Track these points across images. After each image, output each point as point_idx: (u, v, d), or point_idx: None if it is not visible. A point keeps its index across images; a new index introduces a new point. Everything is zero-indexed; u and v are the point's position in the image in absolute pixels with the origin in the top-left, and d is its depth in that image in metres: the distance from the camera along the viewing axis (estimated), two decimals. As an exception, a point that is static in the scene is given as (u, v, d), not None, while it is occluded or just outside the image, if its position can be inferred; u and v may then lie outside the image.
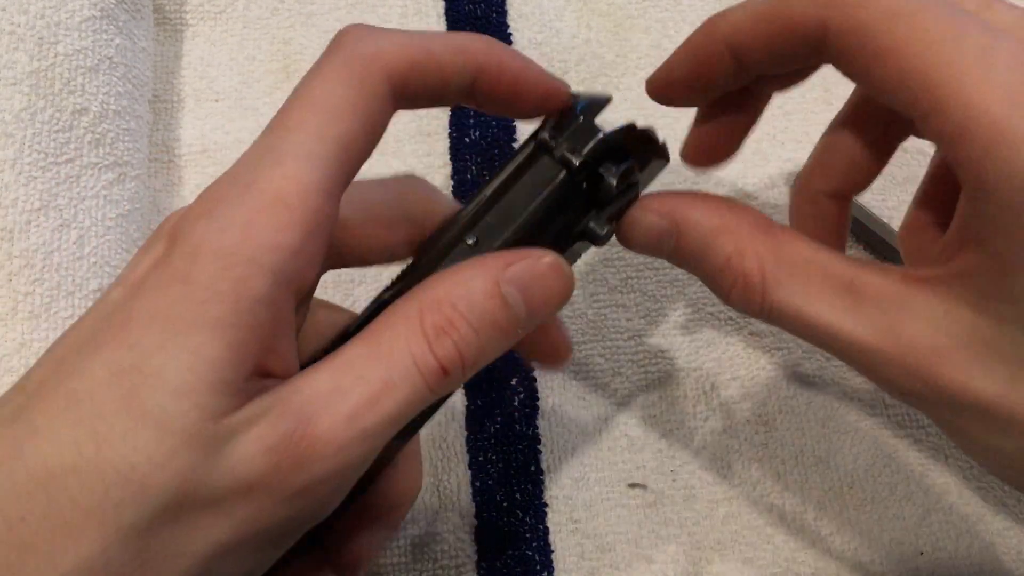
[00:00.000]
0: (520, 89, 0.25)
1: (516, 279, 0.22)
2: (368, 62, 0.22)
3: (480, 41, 0.24)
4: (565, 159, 0.24)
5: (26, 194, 0.29)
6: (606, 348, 0.35)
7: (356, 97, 0.22)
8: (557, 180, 0.24)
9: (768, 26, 0.23)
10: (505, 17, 0.41)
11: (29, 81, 0.31)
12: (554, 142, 0.24)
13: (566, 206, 0.25)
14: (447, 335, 0.21)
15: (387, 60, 0.22)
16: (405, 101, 0.23)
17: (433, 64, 0.23)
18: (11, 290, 0.28)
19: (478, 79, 0.24)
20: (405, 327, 0.21)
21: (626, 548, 0.32)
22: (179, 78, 0.40)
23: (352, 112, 0.22)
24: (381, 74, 0.22)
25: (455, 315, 0.21)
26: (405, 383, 0.21)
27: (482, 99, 0.25)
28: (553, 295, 0.23)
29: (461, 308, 0.22)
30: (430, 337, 0.21)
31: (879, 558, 0.32)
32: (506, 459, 0.34)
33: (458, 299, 0.22)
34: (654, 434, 0.34)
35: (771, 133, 0.39)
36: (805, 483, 0.33)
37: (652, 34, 0.41)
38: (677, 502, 0.33)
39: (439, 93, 0.24)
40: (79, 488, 0.18)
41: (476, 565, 0.32)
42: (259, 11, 0.41)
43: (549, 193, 0.24)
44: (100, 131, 0.32)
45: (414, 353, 0.21)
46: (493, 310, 0.22)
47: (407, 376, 0.21)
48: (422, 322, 0.21)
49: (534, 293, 0.22)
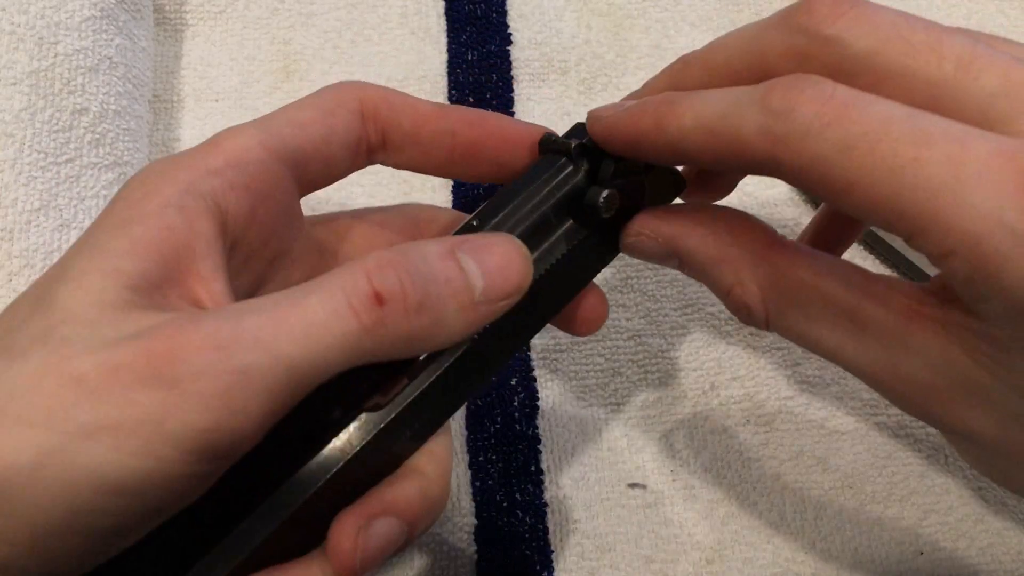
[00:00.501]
0: (503, 138, 0.26)
1: (470, 248, 0.22)
2: (344, 86, 0.25)
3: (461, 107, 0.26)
4: (563, 145, 0.25)
5: (26, 194, 0.29)
6: (606, 348, 0.35)
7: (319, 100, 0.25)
8: (555, 167, 0.25)
9: (718, 145, 0.21)
10: (505, 17, 0.41)
11: (29, 81, 0.31)
12: (553, 137, 0.26)
13: (569, 195, 0.25)
14: (391, 269, 0.20)
15: (364, 89, 0.25)
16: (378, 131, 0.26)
17: (406, 104, 0.26)
18: (11, 290, 0.28)
19: (458, 133, 0.26)
20: (344, 268, 0.20)
21: (626, 548, 0.32)
22: (179, 78, 0.40)
23: (312, 107, 0.25)
24: (353, 95, 0.25)
25: (404, 259, 0.21)
26: (323, 305, 0.19)
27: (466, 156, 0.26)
28: (512, 269, 0.22)
29: (412, 255, 0.21)
30: (370, 268, 0.20)
31: (879, 558, 0.32)
32: (506, 459, 0.34)
33: (410, 249, 0.21)
34: (654, 434, 0.34)
35: (771, 133, 0.39)
36: (805, 483, 0.33)
37: (652, 34, 0.41)
38: (677, 502, 0.33)
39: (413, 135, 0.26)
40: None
41: (476, 565, 0.32)
42: (259, 11, 0.41)
43: (546, 177, 0.25)
44: (100, 131, 0.32)
45: (344, 281, 0.20)
46: (446, 268, 0.21)
47: (327, 300, 0.20)
48: (365, 263, 0.20)
49: (489, 263, 0.22)
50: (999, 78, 0.20)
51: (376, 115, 0.25)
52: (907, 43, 0.20)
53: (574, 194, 0.25)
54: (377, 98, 0.25)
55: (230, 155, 0.23)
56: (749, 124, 0.20)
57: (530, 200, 0.25)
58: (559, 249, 0.25)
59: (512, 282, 0.22)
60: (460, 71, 0.40)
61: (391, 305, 0.20)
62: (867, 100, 0.19)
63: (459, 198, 0.38)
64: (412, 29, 0.41)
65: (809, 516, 0.33)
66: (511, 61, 0.40)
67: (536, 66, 0.40)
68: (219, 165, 0.22)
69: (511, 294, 0.22)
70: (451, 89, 0.40)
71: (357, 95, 0.25)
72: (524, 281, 0.23)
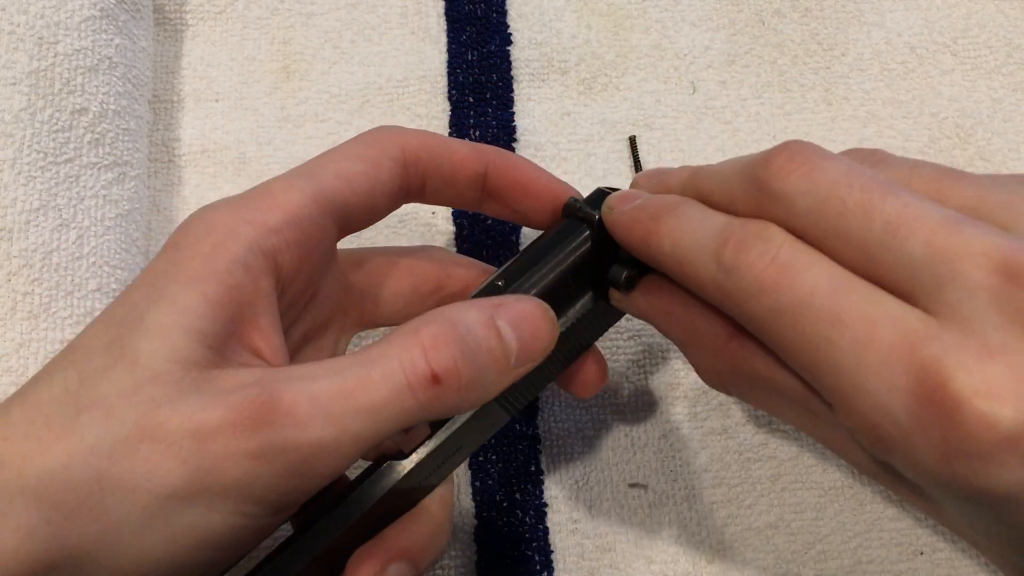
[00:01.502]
0: (529, 188, 0.28)
1: (508, 315, 0.24)
2: (386, 133, 0.27)
3: (495, 148, 0.28)
4: (587, 215, 0.27)
5: (25, 194, 0.29)
6: (606, 348, 0.35)
7: (365, 149, 0.26)
8: (579, 235, 0.27)
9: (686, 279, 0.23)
10: (505, 17, 0.41)
11: (29, 81, 0.31)
12: (579, 204, 0.27)
13: (590, 262, 0.27)
14: (447, 347, 0.22)
15: (405, 137, 0.27)
16: (418, 177, 0.27)
17: (446, 150, 0.27)
18: (10, 290, 0.28)
19: (489, 175, 0.28)
20: (400, 339, 0.22)
21: (626, 548, 0.32)
22: (179, 78, 0.40)
23: (359, 157, 0.26)
24: (395, 143, 0.26)
25: (455, 332, 0.22)
26: (385, 383, 0.21)
27: (493, 196, 0.28)
28: (541, 335, 0.24)
29: (459, 326, 0.22)
30: (427, 345, 0.22)
31: (879, 558, 0.32)
32: (506, 459, 0.33)
33: (457, 320, 0.23)
34: (654, 434, 0.34)
35: (771, 133, 0.39)
36: (805, 483, 0.33)
37: (652, 34, 0.41)
38: (678, 502, 0.33)
39: (450, 179, 0.27)
40: (56, 413, 0.21)
41: (476, 565, 0.32)
42: (259, 11, 0.41)
43: (570, 245, 0.27)
44: (100, 131, 0.32)
45: (402, 359, 0.21)
46: (488, 338, 0.23)
47: (389, 376, 0.21)
48: (418, 333, 0.22)
49: (524, 330, 0.24)
50: (923, 245, 0.19)
51: (417, 163, 0.27)
52: (842, 203, 0.20)
53: (594, 262, 0.27)
54: (418, 146, 0.27)
55: (287, 212, 0.24)
56: (704, 273, 0.22)
57: (553, 265, 0.27)
58: (575, 313, 0.27)
59: (541, 347, 0.24)
60: (460, 71, 0.40)
61: (447, 384, 0.22)
62: (801, 267, 0.20)
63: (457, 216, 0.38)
64: (412, 29, 0.41)
65: (809, 516, 0.33)
66: (511, 61, 0.40)
67: (536, 66, 0.40)
68: (278, 223, 0.24)
69: (538, 357, 0.24)
70: (451, 89, 0.40)
71: (400, 143, 0.27)
72: (551, 345, 0.25)
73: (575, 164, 0.39)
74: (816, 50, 0.41)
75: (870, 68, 0.41)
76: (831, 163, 0.21)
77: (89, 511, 0.20)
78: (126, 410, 0.20)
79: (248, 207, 0.24)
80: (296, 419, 0.20)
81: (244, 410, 0.20)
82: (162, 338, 0.21)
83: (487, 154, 0.28)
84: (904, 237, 0.19)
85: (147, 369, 0.21)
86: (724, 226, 0.22)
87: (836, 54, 0.41)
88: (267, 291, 0.23)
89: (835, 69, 0.41)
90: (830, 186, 0.21)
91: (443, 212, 0.38)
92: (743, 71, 0.41)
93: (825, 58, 0.41)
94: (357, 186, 0.25)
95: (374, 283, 0.29)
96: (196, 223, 0.23)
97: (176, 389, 0.21)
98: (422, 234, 0.37)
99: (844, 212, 0.20)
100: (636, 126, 0.39)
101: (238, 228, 0.23)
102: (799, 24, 0.42)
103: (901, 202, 0.20)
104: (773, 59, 0.41)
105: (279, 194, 0.24)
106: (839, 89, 0.41)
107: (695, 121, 0.40)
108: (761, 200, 0.22)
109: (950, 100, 0.40)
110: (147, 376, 0.21)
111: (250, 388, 0.21)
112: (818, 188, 0.21)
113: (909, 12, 0.42)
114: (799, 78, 0.41)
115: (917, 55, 0.41)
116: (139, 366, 0.21)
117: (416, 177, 0.27)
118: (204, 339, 0.21)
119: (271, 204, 0.24)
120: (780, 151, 0.22)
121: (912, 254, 0.19)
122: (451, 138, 0.28)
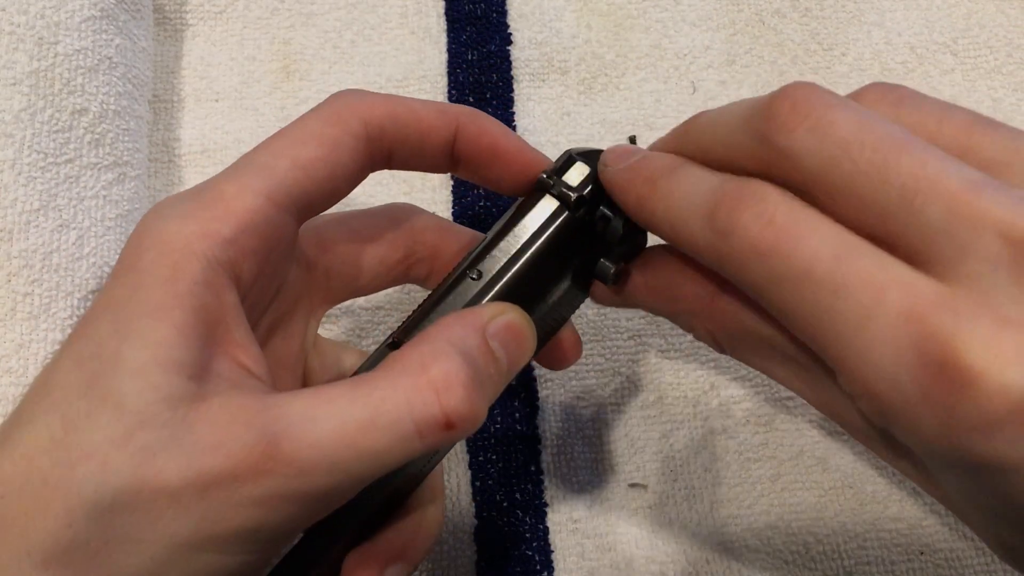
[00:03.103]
0: (500, 155, 0.26)
1: (495, 332, 0.23)
2: (346, 107, 0.24)
3: (463, 108, 0.26)
4: (563, 195, 0.25)
5: (25, 194, 0.29)
6: (606, 348, 0.35)
7: (324, 128, 0.24)
8: (555, 218, 0.25)
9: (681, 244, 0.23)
10: (505, 17, 0.41)
11: (29, 81, 0.31)
12: (552, 181, 0.25)
13: (569, 244, 0.26)
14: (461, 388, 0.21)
15: (366, 108, 0.24)
16: (383, 151, 0.25)
17: (412, 117, 0.25)
18: (10, 291, 0.28)
19: (458, 140, 0.26)
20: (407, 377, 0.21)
21: (626, 548, 0.32)
22: (179, 78, 0.40)
23: (317, 140, 0.24)
24: (356, 117, 0.24)
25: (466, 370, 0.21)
26: (392, 429, 0.20)
27: (462, 163, 0.26)
28: (526, 346, 0.24)
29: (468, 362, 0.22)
30: (439, 388, 0.21)
31: (879, 558, 0.32)
32: (506, 459, 0.33)
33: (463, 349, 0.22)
34: (654, 434, 0.34)
35: (771, 133, 0.39)
36: (805, 483, 0.33)
37: (652, 34, 0.41)
38: (678, 502, 0.33)
39: (418, 149, 0.26)
40: (50, 466, 0.20)
41: (476, 565, 0.32)
42: (259, 11, 0.41)
43: (547, 228, 0.25)
44: (100, 131, 0.32)
45: (412, 402, 0.21)
46: (488, 364, 0.22)
47: (397, 423, 0.20)
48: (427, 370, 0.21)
49: (511, 344, 0.23)
50: (942, 212, 0.18)
51: (382, 136, 0.25)
52: (854, 164, 0.19)
53: (572, 245, 0.26)
54: (382, 116, 0.25)
55: (241, 219, 0.22)
56: (699, 237, 0.21)
57: (531, 254, 0.25)
58: (551, 296, 0.26)
59: (525, 357, 0.24)
60: (460, 71, 0.40)
61: (458, 427, 0.21)
62: (801, 231, 0.19)
63: (459, 198, 0.38)
64: (412, 29, 0.41)
65: (809, 516, 0.33)
66: (511, 61, 0.40)
67: (536, 66, 0.40)
68: (233, 233, 0.22)
69: (521, 366, 0.24)
70: (451, 89, 0.40)
71: (362, 116, 0.24)
72: (532, 352, 0.24)
73: (575, 164, 0.39)
74: (816, 50, 0.41)
75: (870, 68, 0.41)
76: (840, 114, 0.19)
77: (99, 566, 0.20)
78: (120, 461, 0.20)
79: (200, 217, 0.22)
80: (298, 468, 0.20)
81: (244, 459, 0.20)
82: (143, 378, 0.20)
83: (457, 117, 0.26)
84: (922, 203, 0.18)
85: (134, 414, 0.20)
86: (718, 186, 0.21)
87: (836, 54, 0.41)
88: (233, 303, 0.22)
89: (835, 69, 0.41)
90: (839, 144, 0.19)
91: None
92: (743, 71, 0.41)
93: (825, 58, 0.41)
94: (315, 173, 0.24)
95: (338, 260, 0.27)
96: (148, 240, 0.22)
97: (168, 433, 0.20)
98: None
99: (855, 173, 0.19)
100: (636, 126, 0.39)
101: (192, 244, 0.22)
102: (799, 24, 0.42)
103: (919, 162, 0.18)
104: (773, 59, 0.41)
105: (232, 199, 0.22)
106: (839, 89, 0.40)
107: (695, 121, 0.40)
108: (765, 156, 0.20)
109: (950, 100, 0.40)
110: (135, 422, 0.20)
111: (248, 432, 0.20)
112: (825, 146, 0.19)
113: (909, 12, 0.42)
114: (799, 78, 0.40)
115: (917, 55, 0.41)
116: (125, 411, 0.20)
117: (381, 150, 0.25)
118: (183, 370, 0.20)
119: (224, 211, 0.22)
120: (782, 100, 0.20)
121: (929, 220, 0.18)
122: (417, 100, 0.25)
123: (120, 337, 0.21)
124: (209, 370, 0.21)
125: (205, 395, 0.21)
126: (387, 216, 0.28)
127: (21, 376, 0.28)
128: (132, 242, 0.22)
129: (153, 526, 0.20)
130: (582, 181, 0.25)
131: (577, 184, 0.25)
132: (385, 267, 0.28)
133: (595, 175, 0.25)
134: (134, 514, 0.20)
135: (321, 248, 0.27)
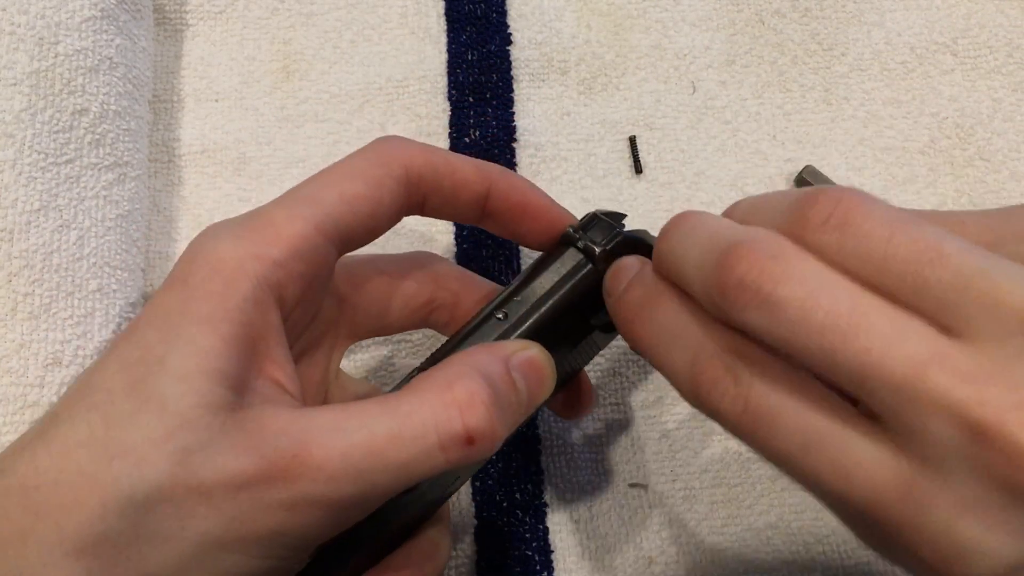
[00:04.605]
0: (529, 211, 0.28)
1: (518, 364, 0.24)
2: (390, 151, 0.26)
3: (496, 166, 0.28)
4: (588, 249, 0.27)
5: (26, 195, 0.29)
6: (606, 348, 0.35)
7: (369, 168, 0.26)
8: (580, 269, 0.27)
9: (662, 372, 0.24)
10: (505, 17, 0.41)
11: (29, 81, 0.31)
12: (578, 235, 0.28)
13: (588, 295, 0.27)
14: (483, 407, 0.22)
15: (408, 154, 0.26)
16: (419, 197, 0.27)
17: (449, 169, 0.27)
18: (11, 291, 0.28)
19: (491, 196, 0.28)
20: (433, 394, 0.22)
21: (626, 548, 0.32)
22: (179, 78, 0.40)
23: (363, 178, 0.25)
24: (399, 161, 0.26)
25: (488, 391, 0.22)
26: (417, 443, 0.21)
27: (493, 216, 0.28)
28: (546, 383, 0.25)
29: (491, 385, 0.23)
30: (462, 405, 0.22)
31: (879, 558, 0.32)
32: (506, 459, 0.34)
33: (486, 373, 0.23)
34: (654, 434, 0.34)
35: (771, 133, 0.39)
36: (805, 483, 0.33)
37: (652, 34, 0.41)
38: (678, 502, 0.33)
39: (452, 199, 0.27)
40: (87, 460, 0.21)
41: (476, 565, 0.32)
42: (259, 11, 0.41)
43: (571, 279, 0.27)
44: (100, 131, 0.32)
45: (437, 418, 0.21)
46: (509, 392, 0.23)
47: (422, 437, 0.21)
48: (452, 388, 0.22)
49: (532, 379, 0.24)
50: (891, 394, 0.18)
51: (420, 182, 0.26)
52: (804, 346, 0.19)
53: (592, 296, 0.27)
54: (422, 164, 0.26)
55: (291, 244, 0.24)
56: (683, 390, 0.22)
57: (555, 300, 0.27)
58: (570, 343, 0.28)
59: (545, 393, 0.25)
60: (460, 71, 0.40)
61: (479, 444, 0.22)
62: (775, 418, 0.20)
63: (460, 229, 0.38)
64: (412, 29, 0.41)
65: (809, 516, 0.33)
66: (511, 61, 0.40)
67: (536, 66, 0.40)
68: (283, 256, 0.24)
69: (540, 402, 0.25)
70: (451, 89, 0.40)
71: (403, 162, 0.26)
72: (551, 390, 0.26)
73: (575, 164, 0.39)
74: (816, 50, 0.41)
75: (870, 68, 0.41)
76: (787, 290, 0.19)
77: (127, 560, 0.20)
78: (159, 459, 0.20)
79: (252, 240, 0.24)
80: (327, 474, 0.21)
81: (276, 462, 0.21)
82: (187, 382, 0.21)
83: (490, 174, 0.28)
84: (871, 387, 0.18)
85: (176, 415, 0.21)
86: (696, 350, 0.22)
87: (836, 54, 0.41)
88: (276, 323, 0.24)
89: (835, 69, 0.41)
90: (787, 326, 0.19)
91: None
92: (743, 71, 0.41)
93: (825, 58, 0.41)
94: (359, 209, 0.25)
95: (368, 297, 0.29)
96: (202, 257, 0.23)
97: (207, 436, 0.21)
98: (421, 235, 0.37)
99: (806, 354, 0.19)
100: (636, 126, 0.39)
101: (245, 264, 0.23)
102: (799, 24, 0.42)
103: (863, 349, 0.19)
104: (773, 59, 0.41)
105: (283, 225, 0.24)
106: (839, 89, 0.41)
107: (695, 121, 0.40)
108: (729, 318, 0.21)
109: (950, 100, 0.40)
110: (176, 423, 0.21)
111: (281, 438, 0.21)
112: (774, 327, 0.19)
113: (909, 12, 0.42)
114: (799, 78, 0.41)
115: (917, 55, 0.41)
116: (167, 412, 0.21)
117: (417, 196, 0.27)
118: (225, 380, 0.22)
119: (275, 236, 0.24)
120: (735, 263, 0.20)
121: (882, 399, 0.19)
122: (454, 155, 0.27)
123: (167, 344, 0.22)
124: (248, 383, 0.22)
125: (243, 405, 0.22)
126: (413, 261, 0.30)
127: (21, 376, 0.28)
128: (185, 258, 0.24)
129: (183, 524, 0.20)
130: (606, 238, 0.27)
131: (601, 240, 0.27)
132: (410, 309, 0.29)
133: (618, 233, 0.27)
134: (166, 511, 0.20)
135: (353, 285, 0.28)
